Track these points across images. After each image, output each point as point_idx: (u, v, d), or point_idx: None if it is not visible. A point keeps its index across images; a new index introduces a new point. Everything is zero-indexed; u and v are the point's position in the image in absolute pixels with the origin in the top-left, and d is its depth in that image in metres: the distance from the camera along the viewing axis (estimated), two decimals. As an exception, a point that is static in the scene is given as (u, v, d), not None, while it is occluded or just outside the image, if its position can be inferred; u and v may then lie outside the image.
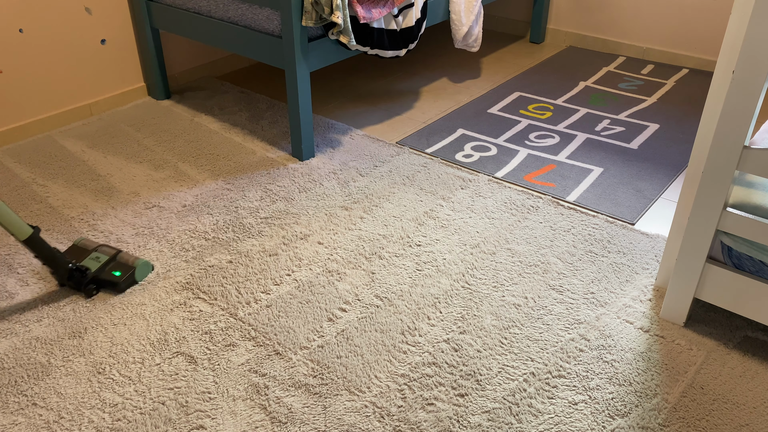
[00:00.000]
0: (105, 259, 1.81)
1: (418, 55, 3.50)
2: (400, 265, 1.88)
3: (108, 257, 1.81)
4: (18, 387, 1.49)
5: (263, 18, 2.29)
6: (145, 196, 2.22)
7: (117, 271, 1.79)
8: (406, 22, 2.48)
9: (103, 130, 2.66)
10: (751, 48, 1.30)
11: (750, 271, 1.53)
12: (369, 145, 2.54)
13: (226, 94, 3.00)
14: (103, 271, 1.78)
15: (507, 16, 3.82)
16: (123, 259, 1.82)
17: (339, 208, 2.14)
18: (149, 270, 1.85)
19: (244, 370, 1.54)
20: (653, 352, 1.58)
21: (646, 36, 3.36)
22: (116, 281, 1.76)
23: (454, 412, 1.43)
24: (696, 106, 2.88)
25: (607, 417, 1.42)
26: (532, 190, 2.25)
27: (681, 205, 1.67)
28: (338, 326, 1.66)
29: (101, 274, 1.78)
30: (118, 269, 1.79)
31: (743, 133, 1.38)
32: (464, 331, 1.64)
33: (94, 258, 1.81)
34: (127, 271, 1.79)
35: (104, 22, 2.71)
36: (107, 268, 1.79)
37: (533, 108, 2.87)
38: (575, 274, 1.85)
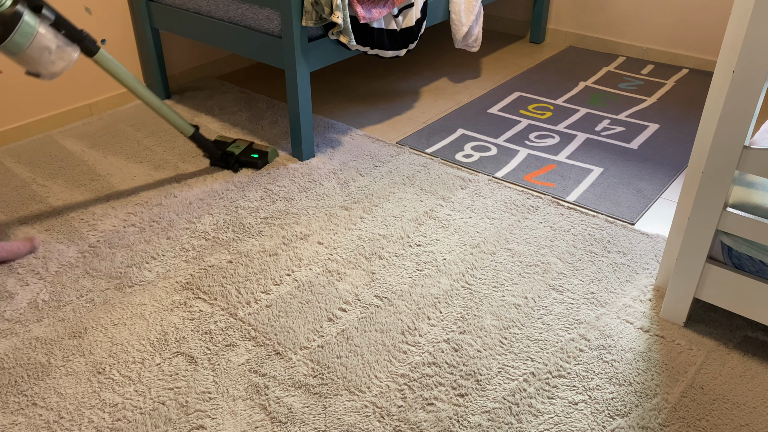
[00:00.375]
0: (244, 146, 2.38)
1: (418, 55, 3.51)
2: (400, 265, 1.88)
3: (245, 146, 2.39)
4: (18, 387, 1.49)
5: (263, 18, 2.29)
6: (145, 196, 2.22)
7: (255, 153, 2.36)
8: (406, 22, 2.48)
9: (103, 130, 2.66)
10: (751, 48, 1.30)
11: (750, 271, 1.53)
12: (369, 145, 2.54)
13: (226, 94, 3.00)
14: (244, 154, 2.35)
15: (507, 16, 3.82)
16: (257, 146, 2.40)
17: (339, 208, 2.14)
18: (276, 155, 2.41)
19: (244, 370, 1.54)
20: (653, 352, 1.58)
21: (646, 36, 3.36)
22: (255, 161, 2.33)
23: (454, 412, 1.43)
24: (696, 106, 2.88)
25: (607, 417, 1.42)
26: (532, 190, 2.25)
27: (681, 205, 1.67)
28: (338, 326, 1.66)
29: (243, 156, 2.35)
30: (256, 152, 2.37)
31: (743, 133, 1.38)
32: (464, 331, 1.64)
33: (234, 147, 2.38)
34: (263, 154, 2.36)
35: (104, 22, 2.71)
36: (247, 152, 2.36)
37: (533, 108, 2.87)
38: (575, 274, 1.85)
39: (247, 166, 2.34)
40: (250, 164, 2.34)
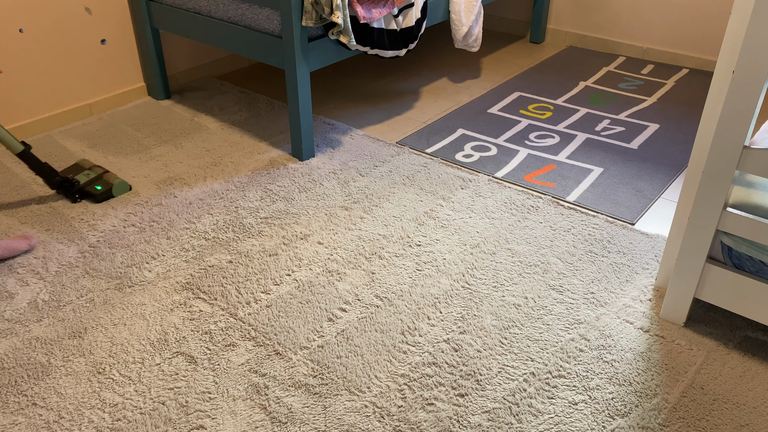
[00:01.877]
0: (95, 175, 2.23)
1: (418, 55, 3.51)
2: (400, 265, 1.88)
3: (96, 174, 2.23)
4: (18, 387, 1.49)
5: (263, 18, 2.29)
6: (145, 195, 2.22)
7: (99, 185, 2.19)
8: (406, 22, 2.48)
9: (103, 130, 2.66)
10: (751, 48, 1.30)
11: (750, 271, 1.53)
12: (369, 145, 2.54)
13: (226, 94, 3.00)
14: (89, 184, 2.19)
15: (507, 16, 3.82)
16: (108, 177, 2.22)
17: (339, 208, 2.14)
18: (126, 189, 2.22)
19: (244, 370, 1.54)
20: (653, 352, 1.58)
21: (646, 36, 3.36)
22: (96, 193, 2.17)
23: (454, 412, 1.43)
24: (696, 106, 2.88)
25: (607, 417, 1.42)
26: (532, 190, 2.25)
27: (681, 205, 1.67)
28: (338, 326, 1.66)
29: (87, 186, 2.18)
30: (100, 184, 2.20)
31: (743, 133, 1.38)
32: (464, 331, 1.64)
33: (84, 174, 2.23)
34: (107, 188, 2.19)
35: (104, 22, 2.71)
36: (93, 182, 2.20)
37: (533, 108, 2.87)
38: (575, 274, 1.85)
39: (87, 197, 2.19)
40: (90, 195, 2.18)
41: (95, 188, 2.17)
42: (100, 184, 2.19)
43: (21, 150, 2.07)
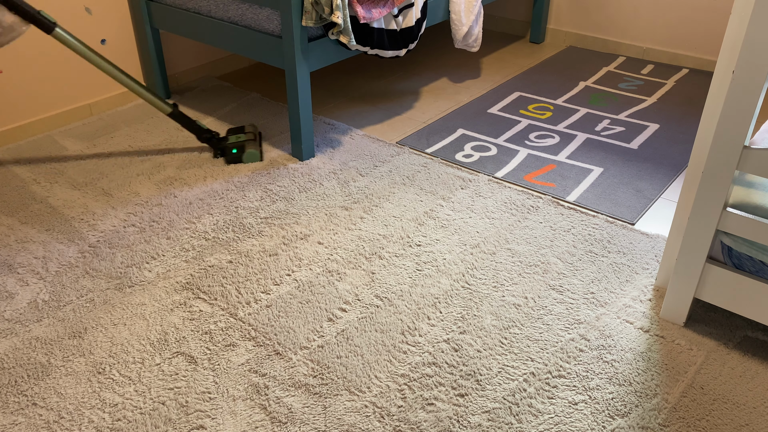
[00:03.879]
0: (245, 138, 2.42)
1: (418, 55, 3.51)
2: (400, 265, 1.88)
3: (245, 139, 2.43)
4: (18, 387, 1.49)
5: (263, 18, 2.29)
6: (145, 195, 2.22)
7: (235, 149, 2.38)
8: (406, 22, 2.48)
9: (103, 130, 2.66)
10: (751, 48, 1.30)
11: (750, 271, 1.53)
12: (369, 145, 2.54)
13: (226, 94, 3.00)
14: (230, 146, 2.39)
15: (507, 16, 3.82)
16: (247, 145, 2.40)
17: (339, 208, 2.14)
18: (256, 159, 2.40)
19: (244, 370, 1.54)
20: (653, 352, 1.58)
21: (646, 36, 3.36)
22: (227, 155, 2.39)
23: (454, 412, 1.43)
24: (696, 106, 2.88)
25: (607, 417, 1.42)
26: (532, 190, 2.25)
27: (681, 205, 1.67)
28: (338, 326, 1.66)
29: (228, 146, 2.39)
30: (237, 148, 2.39)
31: (743, 133, 1.38)
32: (464, 331, 1.64)
33: (236, 137, 2.45)
34: (239, 153, 2.39)
35: (104, 22, 2.71)
36: (236, 145, 2.40)
37: (533, 108, 2.87)
38: (575, 274, 1.85)
39: (224, 155, 2.41)
40: (225, 155, 2.40)
41: (231, 151, 2.37)
42: (237, 147, 2.38)
43: (170, 111, 2.29)
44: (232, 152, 2.37)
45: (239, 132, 2.49)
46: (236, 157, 2.38)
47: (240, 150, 2.38)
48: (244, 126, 2.52)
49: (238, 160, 2.38)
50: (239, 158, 2.38)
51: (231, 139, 2.42)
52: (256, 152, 2.39)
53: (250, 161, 2.39)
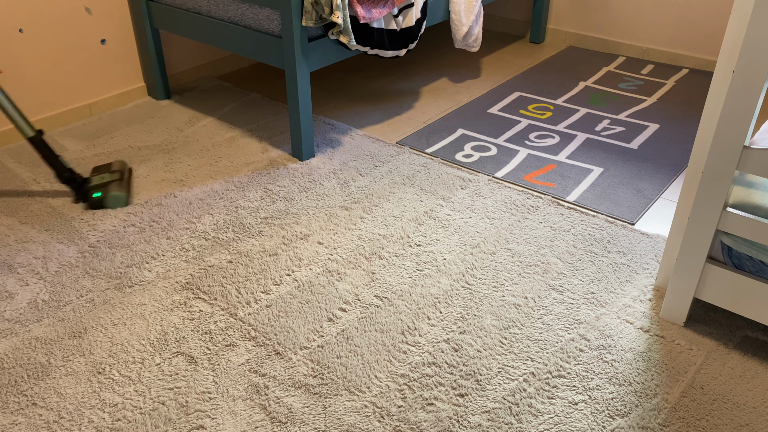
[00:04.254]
0: (107, 180, 2.16)
1: (418, 55, 3.51)
2: (400, 265, 1.88)
3: (109, 180, 2.17)
4: (18, 387, 1.49)
5: (263, 18, 2.29)
6: (145, 195, 2.22)
7: (98, 192, 2.11)
8: (406, 22, 2.48)
9: (103, 130, 2.66)
10: (751, 48, 1.30)
11: (750, 271, 1.53)
12: (369, 145, 2.54)
13: (226, 94, 3.00)
14: (92, 189, 2.13)
15: (507, 16, 3.82)
16: (111, 186, 2.14)
17: (339, 208, 2.14)
18: (121, 204, 2.12)
19: (244, 370, 1.54)
20: (653, 352, 1.58)
21: (646, 36, 3.36)
22: (90, 200, 2.11)
23: (454, 412, 1.43)
24: (696, 106, 2.88)
25: (607, 417, 1.42)
26: (532, 190, 2.25)
27: (681, 205, 1.67)
28: (338, 326, 1.66)
29: (90, 190, 2.13)
30: (100, 191, 2.13)
31: (743, 133, 1.38)
32: (464, 331, 1.64)
33: (100, 177, 2.17)
34: (101, 197, 2.11)
35: (104, 22, 2.71)
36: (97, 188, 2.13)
37: (533, 108, 2.87)
38: (575, 274, 1.85)
39: (85, 199, 2.14)
40: (86, 199, 2.13)
41: (93, 195, 2.10)
42: (100, 190, 2.12)
43: (32, 135, 2.00)
44: (94, 196, 2.10)
45: (104, 171, 2.24)
46: (98, 201, 2.11)
47: (104, 193, 2.11)
48: (112, 163, 2.28)
49: (100, 206, 2.12)
50: (102, 203, 2.11)
51: (94, 180, 2.16)
52: (122, 195, 2.12)
53: (114, 206, 2.11)
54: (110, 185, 2.13)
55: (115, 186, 2.14)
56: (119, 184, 2.15)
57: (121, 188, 2.14)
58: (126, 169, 2.25)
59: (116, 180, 2.17)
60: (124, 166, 2.25)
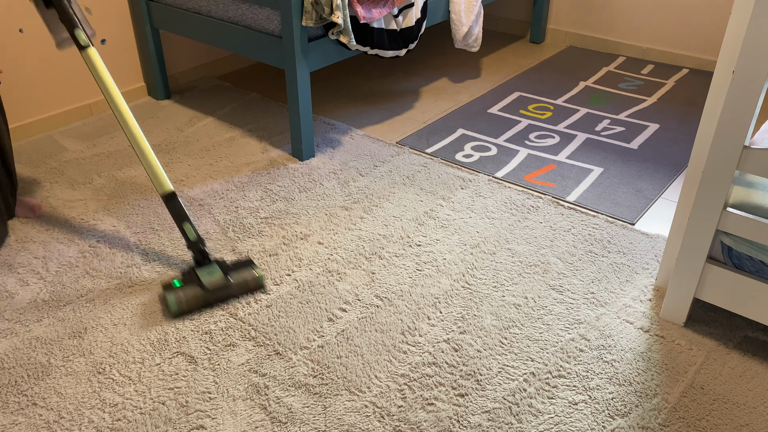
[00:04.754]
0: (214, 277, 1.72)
1: (418, 55, 3.51)
2: (400, 265, 1.88)
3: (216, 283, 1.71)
4: (18, 387, 1.49)
5: (263, 18, 2.29)
6: (145, 195, 2.22)
7: (178, 281, 1.70)
8: (406, 22, 2.48)
9: (103, 130, 2.66)
10: (751, 48, 1.30)
11: (750, 271, 1.53)
12: (369, 145, 2.54)
13: (226, 94, 3.00)
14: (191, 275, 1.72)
15: (507, 16, 3.82)
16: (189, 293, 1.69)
17: (339, 208, 2.14)
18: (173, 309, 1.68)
19: (244, 370, 1.54)
20: (653, 352, 1.58)
21: (646, 36, 3.36)
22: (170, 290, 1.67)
23: (454, 412, 1.43)
24: (696, 106, 2.88)
25: (607, 417, 1.42)
26: (532, 190, 2.25)
27: (681, 205, 1.67)
28: (338, 326, 1.66)
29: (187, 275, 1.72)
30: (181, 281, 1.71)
31: (743, 133, 1.38)
32: (464, 331, 1.64)
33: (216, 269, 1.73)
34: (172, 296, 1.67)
35: (104, 22, 2.71)
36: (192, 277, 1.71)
37: (533, 108, 2.87)
38: (575, 274, 1.85)
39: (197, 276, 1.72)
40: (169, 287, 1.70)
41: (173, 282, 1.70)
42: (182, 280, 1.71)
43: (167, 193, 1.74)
44: (174, 283, 1.70)
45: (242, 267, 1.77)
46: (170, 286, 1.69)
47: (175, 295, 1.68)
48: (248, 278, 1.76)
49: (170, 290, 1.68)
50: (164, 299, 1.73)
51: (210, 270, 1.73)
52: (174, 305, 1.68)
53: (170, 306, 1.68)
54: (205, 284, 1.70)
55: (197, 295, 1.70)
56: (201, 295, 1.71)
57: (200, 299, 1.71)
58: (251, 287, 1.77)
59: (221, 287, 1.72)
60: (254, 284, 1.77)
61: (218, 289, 1.72)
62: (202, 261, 1.77)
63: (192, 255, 1.79)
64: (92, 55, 1.73)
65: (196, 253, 1.76)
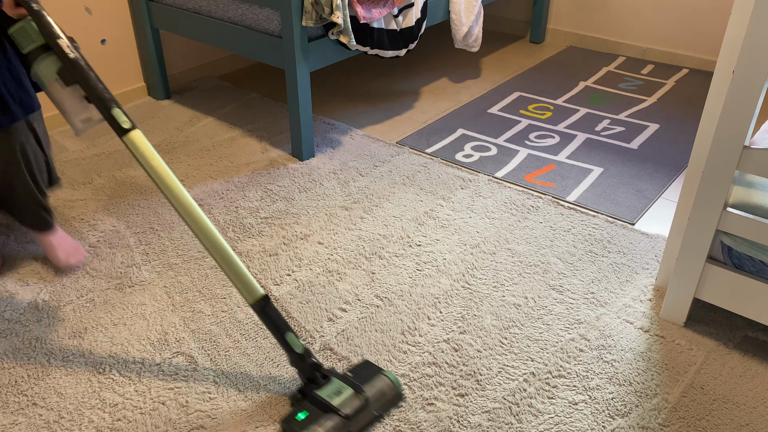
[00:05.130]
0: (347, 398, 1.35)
1: (418, 55, 3.51)
2: (400, 265, 1.88)
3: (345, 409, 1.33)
4: (18, 387, 1.49)
5: (263, 18, 2.29)
6: (145, 196, 2.22)
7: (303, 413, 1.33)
8: (406, 22, 2.48)
9: (103, 130, 2.66)
10: (751, 48, 1.30)
11: (750, 271, 1.53)
12: (369, 145, 2.54)
13: (226, 94, 3.00)
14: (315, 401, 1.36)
15: (507, 16, 3.82)
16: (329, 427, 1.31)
17: (339, 208, 2.14)
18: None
19: (244, 370, 1.54)
20: (653, 352, 1.58)
21: (646, 36, 3.36)
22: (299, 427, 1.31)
23: (454, 412, 1.43)
24: (696, 106, 2.88)
25: (607, 417, 1.42)
26: (532, 190, 2.25)
27: (681, 205, 1.67)
28: (338, 326, 1.66)
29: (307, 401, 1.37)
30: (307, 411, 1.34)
31: (743, 133, 1.38)
32: (464, 331, 1.64)
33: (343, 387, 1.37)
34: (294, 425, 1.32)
35: (104, 22, 2.71)
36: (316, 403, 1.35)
37: (533, 108, 2.87)
38: (575, 274, 1.85)
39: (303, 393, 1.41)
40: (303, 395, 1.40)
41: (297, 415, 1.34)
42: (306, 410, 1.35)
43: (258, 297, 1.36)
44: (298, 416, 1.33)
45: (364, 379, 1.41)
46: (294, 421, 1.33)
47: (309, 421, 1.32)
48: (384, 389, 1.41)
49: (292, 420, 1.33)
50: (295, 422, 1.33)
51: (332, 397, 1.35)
52: None
53: None
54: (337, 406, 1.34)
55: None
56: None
57: None
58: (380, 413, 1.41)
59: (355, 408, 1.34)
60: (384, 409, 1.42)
61: (358, 412, 1.34)
62: (318, 379, 1.39)
63: (301, 374, 1.40)
64: (136, 139, 1.38)
65: (308, 371, 1.39)
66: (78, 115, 1.46)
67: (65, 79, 1.40)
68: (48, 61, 1.40)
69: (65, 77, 1.40)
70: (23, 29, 1.40)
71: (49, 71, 1.40)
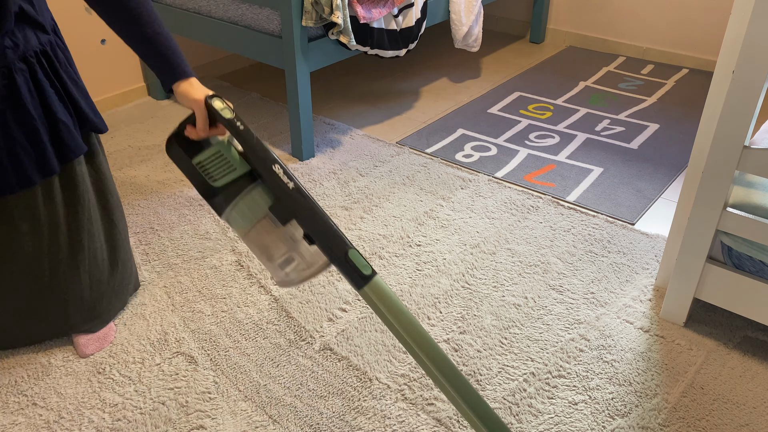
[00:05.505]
0: None
1: (418, 55, 3.51)
2: (400, 265, 1.88)
3: None
4: (18, 387, 1.49)
5: (263, 18, 2.29)
6: (145, 196, 2.22)
7: None
8: (406, 22, 2.48)
9: (103, 130, 2.66)
10: (751, 48, 1.30)
11: (750, 271, 1.53)
12: (369, 145, 2.54)
13: (226, 94, 3.00)
14: None
15: (507, 16, 3.83)
16: None
17: (339, 208, 2.14)
18: None
19: (244, 370, 1.54)
20: (653, 352, 1.58)
21: (646, 36, 3.36)
22: None
23: (455, 412, 1.43)
24: (696, 106, 2.88)
25: (607, 417, 1.42)
26: (532, 190, 2.25)
27: (681, 205, 1.67)
28: (338, 326, 1.66)
29: None
30: None
31: (743, 133, 1.38)
32: (464, 331, 1.64)
33: None
34: None
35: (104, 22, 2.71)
36: None
37: (533, 108, 2.87)
38: (575, 274, 1.85)
39: None
40: None
41: None
42: None
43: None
44: None
45: None
46: None
47: None
48: None
49: None
50: None
51: None
52: None
53: None
54: None
55: None
56: None
57: None
58: None
59: None
60: None
61: None
62: None
63: None
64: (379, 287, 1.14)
65: None
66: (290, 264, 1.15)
67: (281, 217, 1.10)
68: (254, 194, 1.10)
69: (280, 214, 1.09)
70: (220, 156, 1.10)
71: (257, 207, 1.10)
